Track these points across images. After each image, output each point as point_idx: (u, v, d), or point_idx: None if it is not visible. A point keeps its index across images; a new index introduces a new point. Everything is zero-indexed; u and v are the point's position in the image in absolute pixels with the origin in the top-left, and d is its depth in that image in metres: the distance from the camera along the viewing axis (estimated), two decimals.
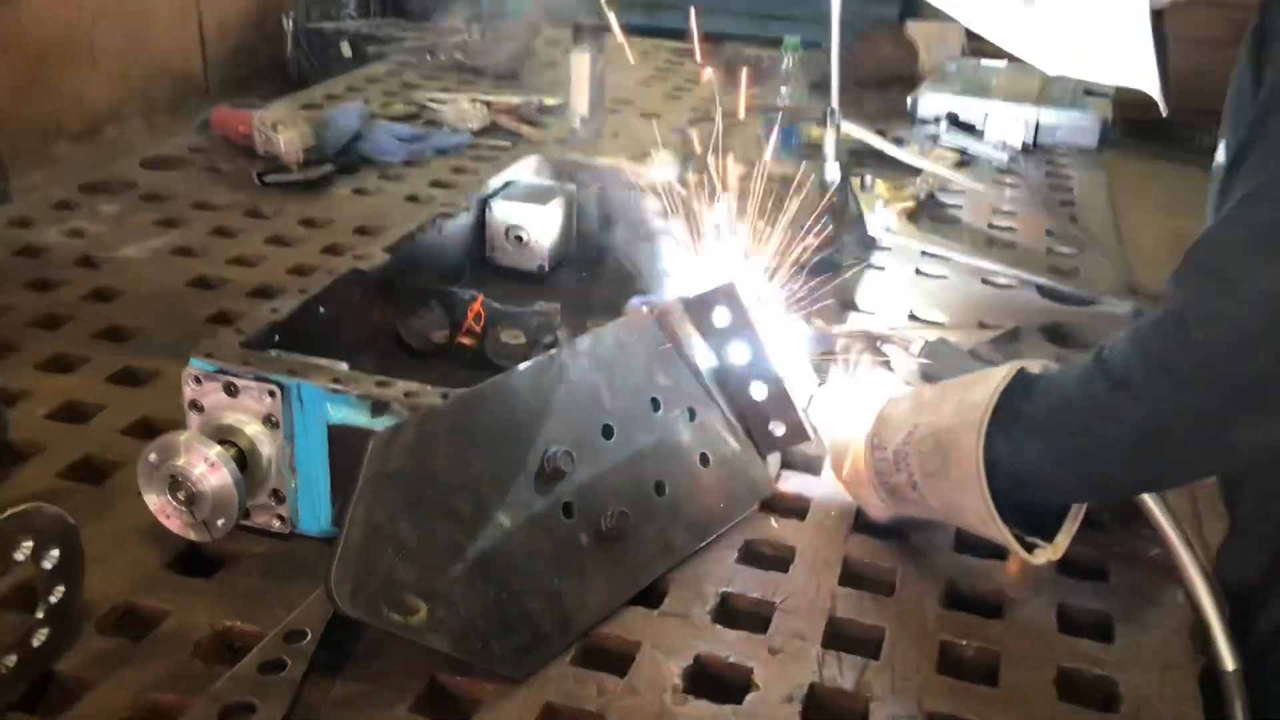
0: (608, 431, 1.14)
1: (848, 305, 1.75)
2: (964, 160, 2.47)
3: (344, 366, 1.15)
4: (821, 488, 1.31)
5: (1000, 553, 1.19)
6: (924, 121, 2.64)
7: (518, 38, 3.10)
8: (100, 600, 1.07)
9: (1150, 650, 1.10)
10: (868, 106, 2.69)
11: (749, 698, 1.01)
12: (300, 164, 2.15)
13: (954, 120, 2.61)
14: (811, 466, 1.35)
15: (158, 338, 1.58)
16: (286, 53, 6.41)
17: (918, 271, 1.92)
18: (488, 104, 2.59)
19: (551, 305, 1.48)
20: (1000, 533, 1.07)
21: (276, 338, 1.23)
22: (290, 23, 6.48)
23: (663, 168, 1.65)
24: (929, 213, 2.19)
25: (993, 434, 1.06)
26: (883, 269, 1.92)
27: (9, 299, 1.67)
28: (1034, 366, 1.09)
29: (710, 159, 1.54)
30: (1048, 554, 1.09)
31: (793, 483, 1.32)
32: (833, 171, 2.02)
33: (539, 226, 1.71)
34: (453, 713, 0.99)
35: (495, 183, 1.75)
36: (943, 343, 1.39)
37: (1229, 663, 1.12)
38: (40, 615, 0.97)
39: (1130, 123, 7.07)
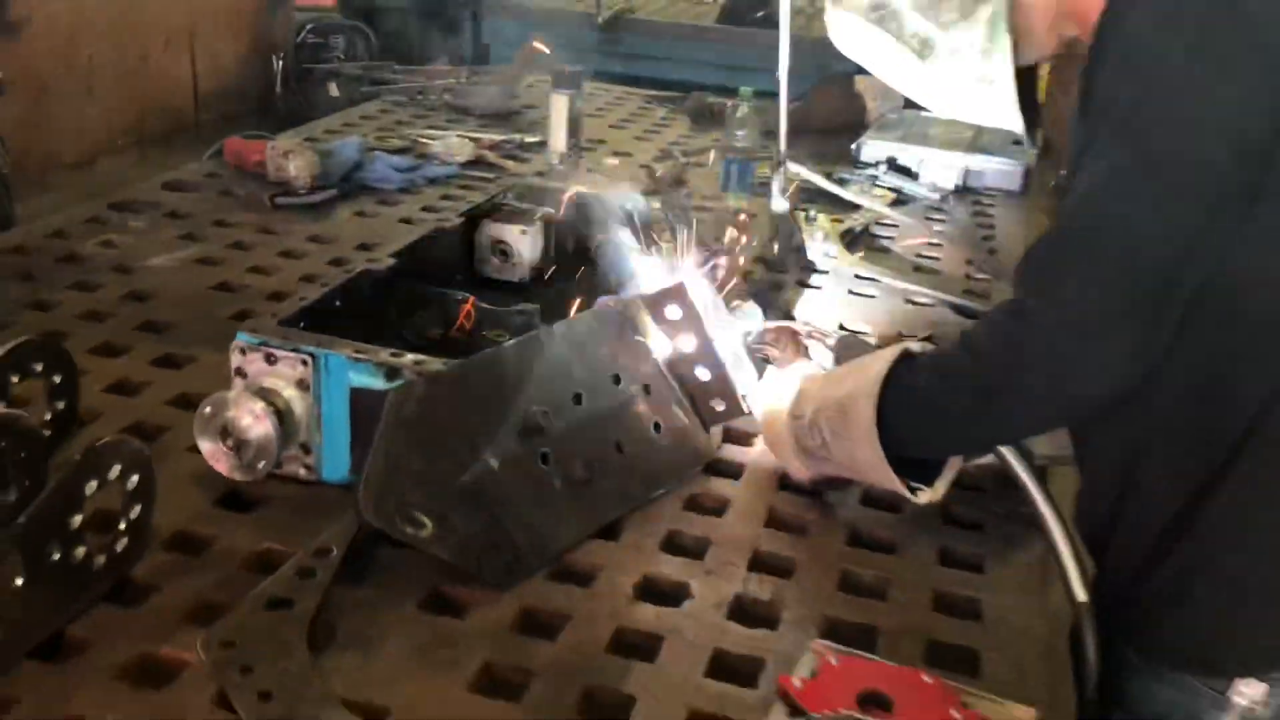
0: (577, 399, 1.40)
1: (787, 318, 2.03)
2: (900, 199, 2.76)
3: None
4: (755, 455, 1.57)
5: (896, 506, 1.46)
6: (867, 164, 2.93)
7: (502, 82, 3.39)
8: (162, 528, 1.31)
9: (1012, 580, 1.37)
10: (819, 150, 2.98)
11: (686, 603, 1.27)
12: (308, 189, 2.42)
13: (893, 164, 2.91)
14: (747, 439, 1.61)
15: (189, 331, 1.82)
16: (276, 92, 6.68)
17: (850, 292, 2.20)
18: (474, 140, 2.86)
19: (532, 307, 1.74)
20: (889, 478, 1.34)
21: (302, 324, 1.48)
22: (280, 64, 6.76)
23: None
24: (864, 242, 2.47)
25: (883, 400, 1.33)
26: (819, 288, 2.20)
27: (57, 297, 1.92)
28: (916, 347, 1.36)
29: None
30: (928, 495, 1.36)
31: (732, 450, 1.58)
32: (778, 204, 2.30)
33: (522, 243, 1.97)
34: (449, 613, 1.24)
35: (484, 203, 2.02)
36: (852, 336, 1.66)
37: (1080, 595, 1.38)
38: (122, 528, 1.21)
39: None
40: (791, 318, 1.93)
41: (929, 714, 1.05)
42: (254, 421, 1.34)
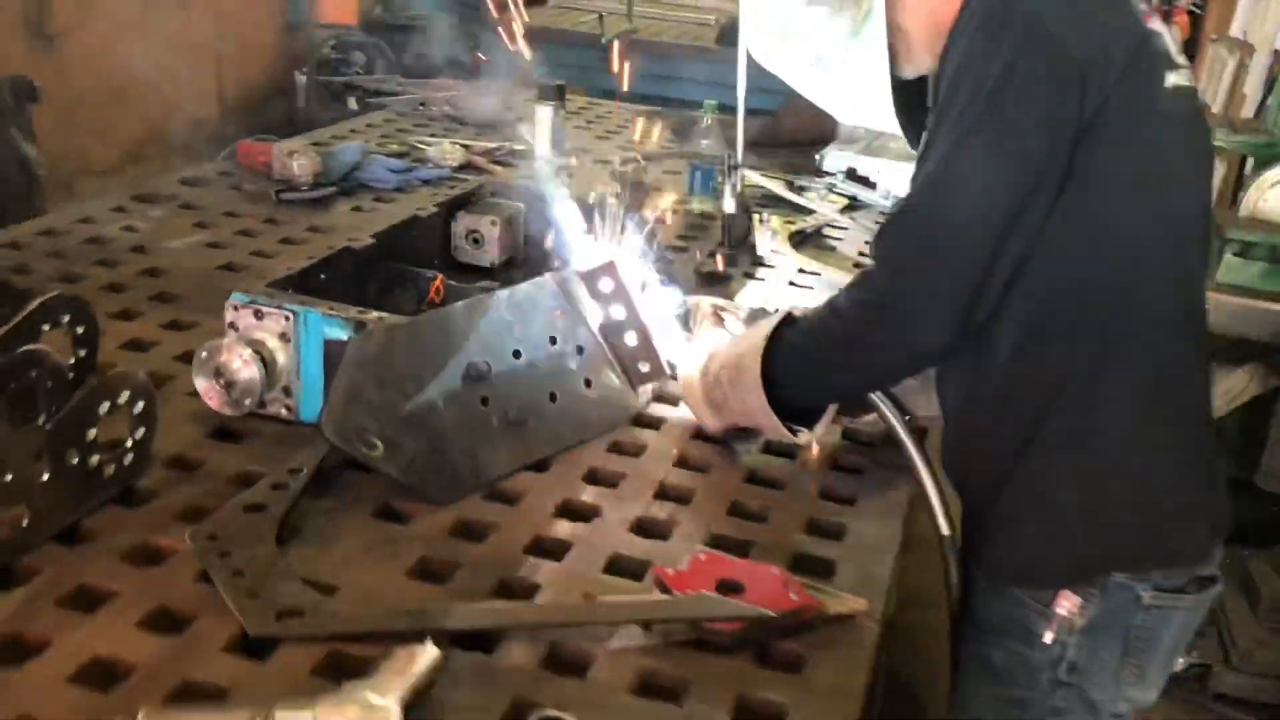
0: (517, 354, 1.66)
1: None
2: (855, 205, 3.01)
3: None
4: (677, 412, 1.82)
5: (792, 454, 1.70)
6: (829, 174, 3.18)
7: (497, 94, 3.66)
8: (162, 452, 1.57)
9: (875, 511, 1.60)
10: (790, 161, 3.24)
11: (595, 520, 1.51)
12: (309, 185, 2.69)
13: (852, 174, 3.16)
14: (675, 400, 1.86)
15: (196, 301, 2.08)
16: (298, 105, 6.99)
17: (791, 284, 2.45)
18: (466, 147, 3.13)
19: (493, 284, 2.00)
20: (772, 421, 1.59)
21: (289, 289, 1.75)
22: (304, 78, 7.08)
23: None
24: (814, 242, 2.72)
25: (768, 355, 1.57)
26: (764, 280, 2.45)
27: (83, 271, 2.19)
28: (798, 311, 1.61)
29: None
30: (807, 435, 1.62)
31: (659, 408, 1.83)
32: (728, 205, 2.55)
33: (492, 232, 2.23)
34: (396, 520, 1.49)
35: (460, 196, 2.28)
36: (761, 310, 1.90)
37: (944, 529, 1.62)
38: (129, 445, 1.47)
39: None
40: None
41: (771, 595, 1.30)
42: (242, 365, 1.60)
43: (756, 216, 2.67)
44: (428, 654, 1.19)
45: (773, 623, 1.28)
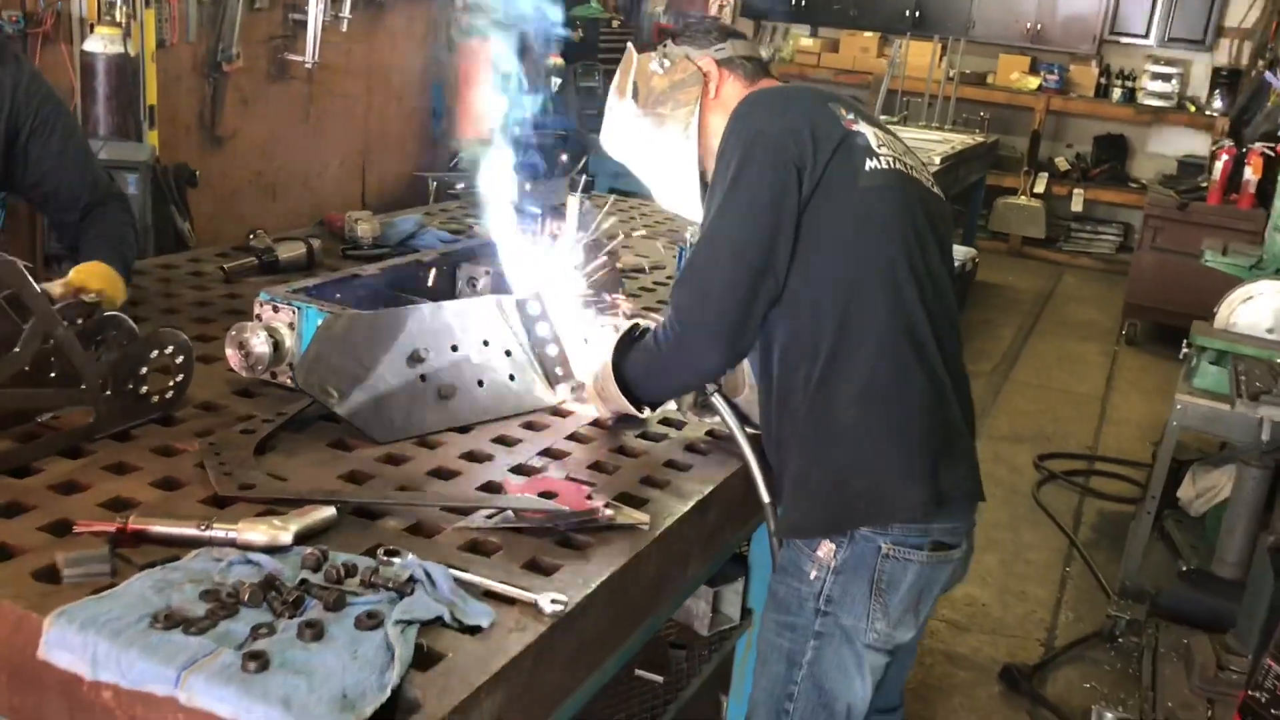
0: (454, 348, 2.27)
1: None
2: None
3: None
4: (586, 408, 2.39)
5: (660, 438, 2.26)
6: None
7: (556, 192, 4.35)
8: (196, 398, 2.22)
9: (697, 474, 2.13)
10: None
11: (486, 463, 2.09)
12: (369, 245, 3.39)
13: None
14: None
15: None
16: (429, 203, 7.89)
17: None
18: None
19: (489, 297, 2.61)
20: (628, 408, 2.16)
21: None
22: (434, 184, 8.00)
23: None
24: None
25: (621, 359, 2.15)
26: None
27: (179, 292, 2.91)
28: (646, 321, 2.19)
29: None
30: (648, 413, 2.18)
31: (574, 406, 2.40)
32: None
33: (485, 280, 2.86)
34: (345, 450, 2.09)
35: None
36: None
37: (764, 498, 2.14)
38: (170, 384, 2.13)
39: (1151, 326, 7.93)
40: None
41: (573, 501, 1.85)
42: (259, 342, 2.25)
43: None
44: (325, 511, 1.78)
45: (568, 517, 1.83)
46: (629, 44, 2.36)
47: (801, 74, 11.04)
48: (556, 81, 7.91)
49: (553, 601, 1.62)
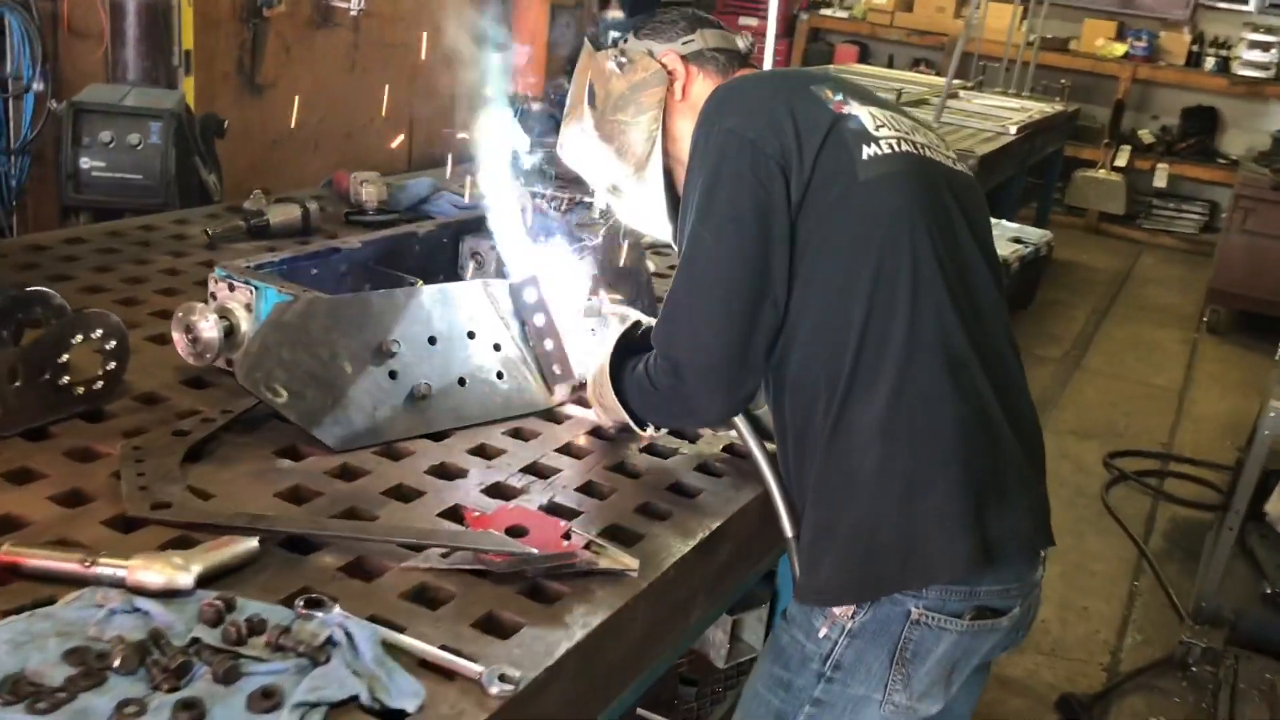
0: (433, 340, 1.95)
1: None
2: None
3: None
4: (586, 412, 2.06)
5: (667, 454, 1.93)
6: None
7: None
8: (136, 387, 1.93)
9: (709, 506, 1.80)
10: None
11: (457, 480, 1.77)
12: (375, 211, 3.08)
13: None
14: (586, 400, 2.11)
15: None
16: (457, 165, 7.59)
17: None
18: (537, 194, 3.47)
19: (476, 281, 2.29)
20: (625, 417, 1.83)
21: (280, 274, 2.09)
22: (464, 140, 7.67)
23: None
24: None
25: (619, 364, 1.83)
26: None
27: (155, 258, 2.63)
28: (645, 320, 1.86)
29: None
30: (650, 430, 1.86)
31: (572, 408, 2.08)
32: None
33: (490, 254, 2.54)
34: (293, 459, 1.79)
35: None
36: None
37: (787, 531, 1.79)
38: (99, 374, 1.83)
39: (1236, 314, 7.45)
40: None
41: (547, 541, 1.53)
42: (207, 326, 1.94)
43: None
44: (243, 545, 1.48)
45: (538, 561, 1.51)
46: (585, 39, 2.00)
47: (873, 34, 10.55)
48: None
49: (501, 679, 1.31)
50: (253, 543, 1.48)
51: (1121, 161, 9.58)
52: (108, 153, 3.97)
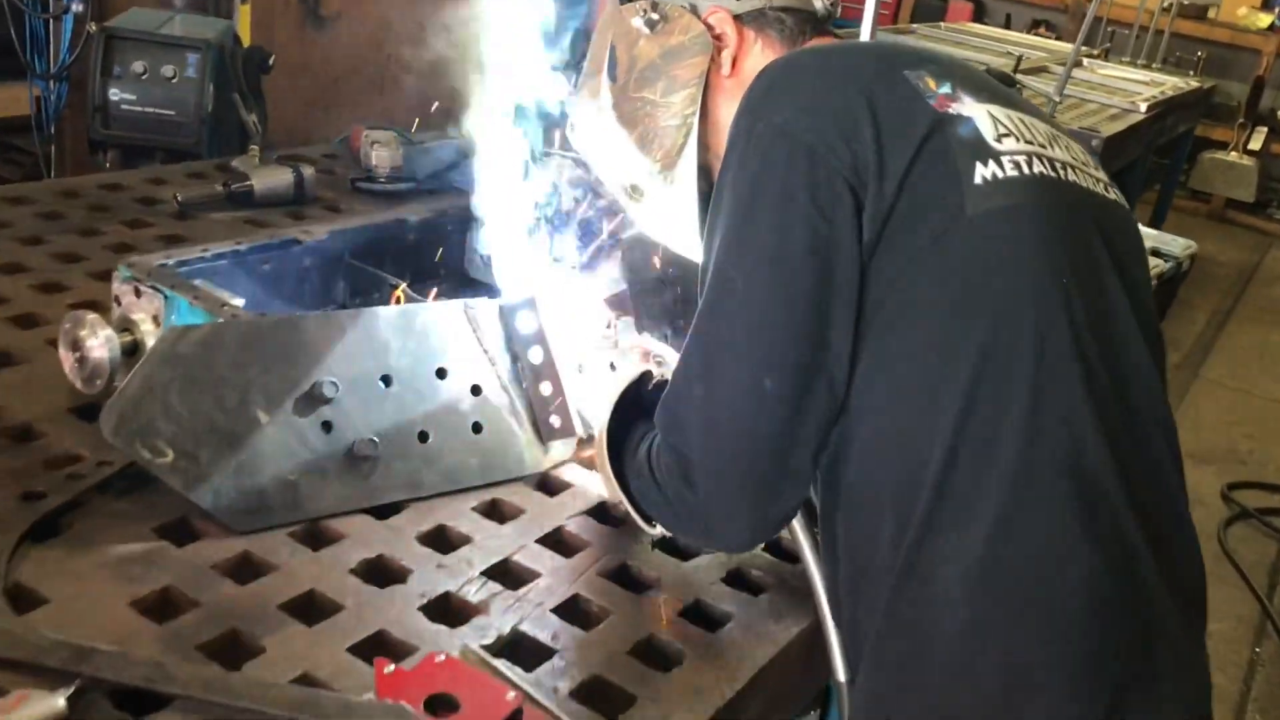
0: (387, 380, 1.47)
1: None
2: None
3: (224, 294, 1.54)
4: (589, 477, 1.57)
5: (693, 554, 1.44)
6: None
7: None
8: (12, 417, 1.49)
9: (737, 647, 1.31)
10: None
11: (390, 588, 1.30)
12: (386, 177, 2.60)
13: None
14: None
15: None
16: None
17: None
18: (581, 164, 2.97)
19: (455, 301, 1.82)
20: (626, 502, 1.35)
21: (217, 271, 1.63)
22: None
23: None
24: None
25: (621, 439, 1.34)
26: None
27: (106, 228, 2.18)
28: (662, 369, 1.36)
29: None
30: (659, 530, 1.37)
31: (573, 472, 1.59)
32: None
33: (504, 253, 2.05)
34: (179, 541, 1.33)
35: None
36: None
37: (839, 675, 1.30)
38: None
39: None
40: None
41: (486, 710, 1.05)
42: (98, 345, 1.49)
43: None
44: (43, 705, 1.02)
45: None
46: None
47: None
48: None
49: None
50: (58, 702, 1.03)
51: (1256, 144, 8.76)
52: (140, 85, 3.55)
